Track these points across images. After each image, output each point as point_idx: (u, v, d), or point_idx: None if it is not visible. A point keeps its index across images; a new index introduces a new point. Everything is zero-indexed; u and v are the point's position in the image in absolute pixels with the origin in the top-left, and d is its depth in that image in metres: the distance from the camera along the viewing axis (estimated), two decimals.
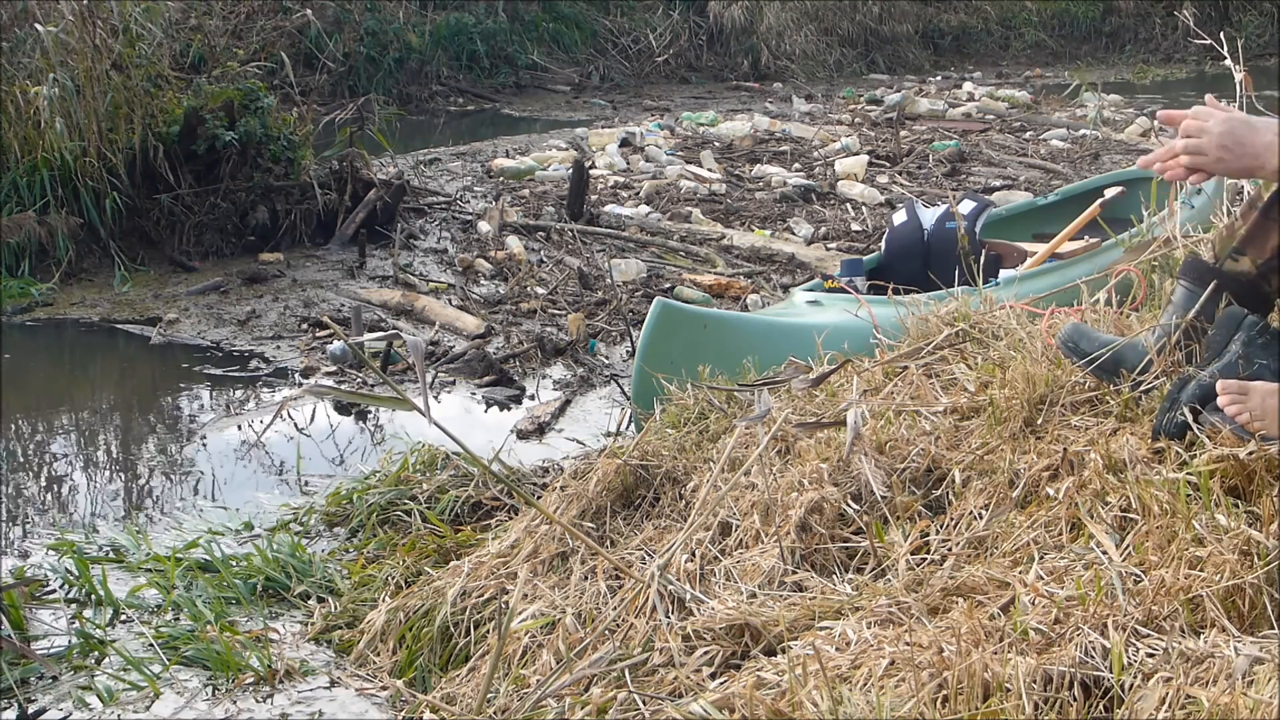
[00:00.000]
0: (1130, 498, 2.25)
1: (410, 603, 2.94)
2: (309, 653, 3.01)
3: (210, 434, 4.69)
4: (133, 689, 2.86)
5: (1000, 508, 2.42)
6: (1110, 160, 8.99)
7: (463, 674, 2.67)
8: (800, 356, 3.35)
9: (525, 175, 8.64)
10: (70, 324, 5.93)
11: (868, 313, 3.63)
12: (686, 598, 2.41)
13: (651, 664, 2.25)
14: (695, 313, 4.10)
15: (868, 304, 3.76)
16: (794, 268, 6.51)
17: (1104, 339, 2.62)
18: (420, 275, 6.51)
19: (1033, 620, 2.01)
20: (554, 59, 14.23)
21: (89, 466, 4.52)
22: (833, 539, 2.50)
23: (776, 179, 8.52)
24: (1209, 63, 15.77)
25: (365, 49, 12.42)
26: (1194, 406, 2.31)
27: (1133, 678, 1.85)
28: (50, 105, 6.44)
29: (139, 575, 3.43)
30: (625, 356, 5.31)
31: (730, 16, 14.79)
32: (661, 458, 3.01)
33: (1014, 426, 2.59)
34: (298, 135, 7.15)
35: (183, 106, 6.89)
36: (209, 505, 4.01)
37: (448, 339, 5.58)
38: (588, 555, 2.73)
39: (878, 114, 11.46)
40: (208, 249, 6.84)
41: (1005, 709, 1.85)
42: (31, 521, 3.98)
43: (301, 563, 3.40)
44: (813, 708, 1.92)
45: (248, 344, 5.63)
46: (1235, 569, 1.99)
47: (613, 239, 7.03)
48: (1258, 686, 1.75)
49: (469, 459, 3.68)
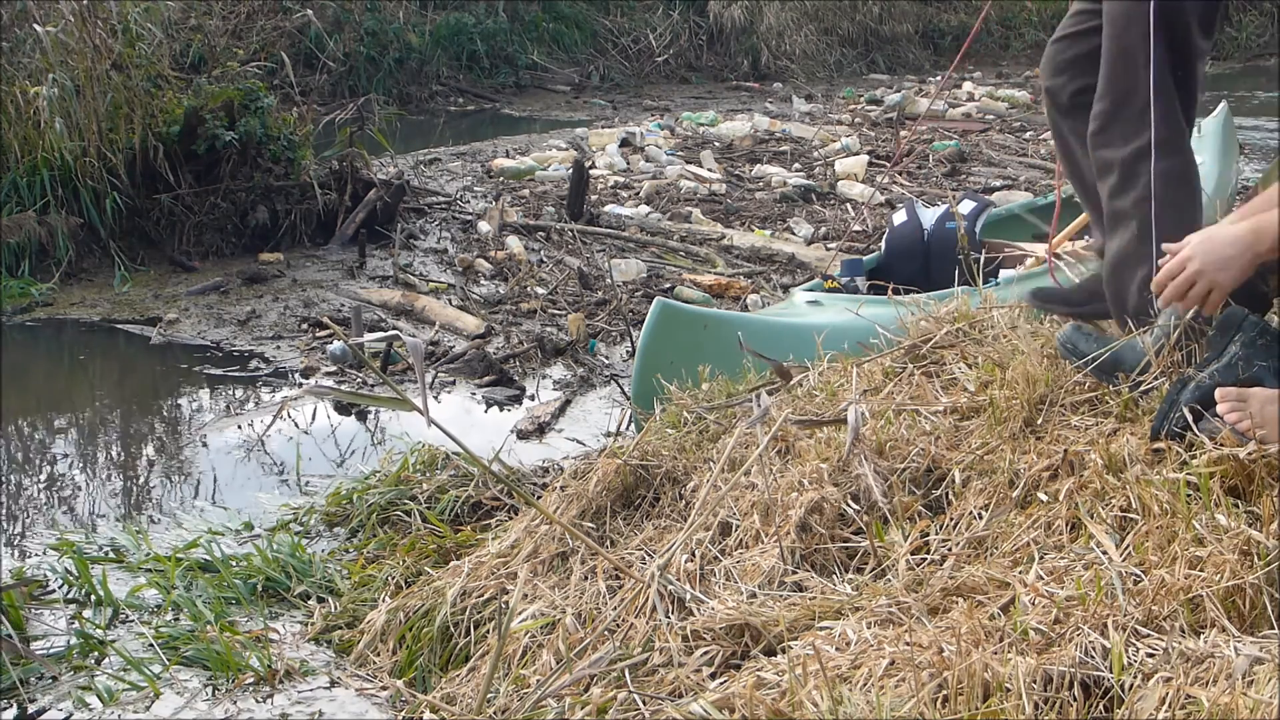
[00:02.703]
0: (1130, 498, 2.25)
1: (410, 603, 2.94)
2: (309, 653, 3.01)
3: (210, 434, 4.69)
4: (133, 689, 2.86)
5: (1000, 508, 2.42)
6: None
7: (463, 674, 2.67)
8: (800, 357, 3.35)
9: (525, 175, 8.64)
10: (70, 324, 5.93)
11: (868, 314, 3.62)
12: (686, 598, 2.41)
13: (651, 664, 2.25)
14: (695, 313, 4.10)
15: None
16: (794, 268, 6.51)
17: (1102, 340, 2.62)
18: (420, 275, 6.51)
19: (1033, 620, 2.01)
20: (554, 59, 14.22)
21: (89, 466, 4.52)
22: (833, 539, 2.50)
23: (776, 179, 8.52)
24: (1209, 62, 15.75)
25: (365, 49, 12.41)
26: (1194, 408, 2.31)
27: (1133, 678, 1.85)
28: (50, 105, 6.44)
29: (139, 575, 3.43)
30: (625, 356, 5.31)
31: (730, 16, 14.78)
32: (661, 458, 3.00)
33: (1014, 426, 2.59)
34: (298, 135, 7.15)
35: (183, 106, 6.89)
36: (209, 505, 4.01)
37: (448, 339, 5.58)
38: (588, 555, 2.73)
39: (878, 114, 11.46)
40: (208, 249, 6.84)
41: (1005, 709, 1.85)
42: (31, 521, 3.98)
43: (301, 563, 3.40)
44: (813, 708, 1.92)
45: (248, 344, 5.63)
46: (1235, 569, 1.99)
47: (613, 239, 7.03)
48: (1258, 686, 1.75)
49: (469, 459, 3.68)
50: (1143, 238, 2.65)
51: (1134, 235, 2.66)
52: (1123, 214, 2.69)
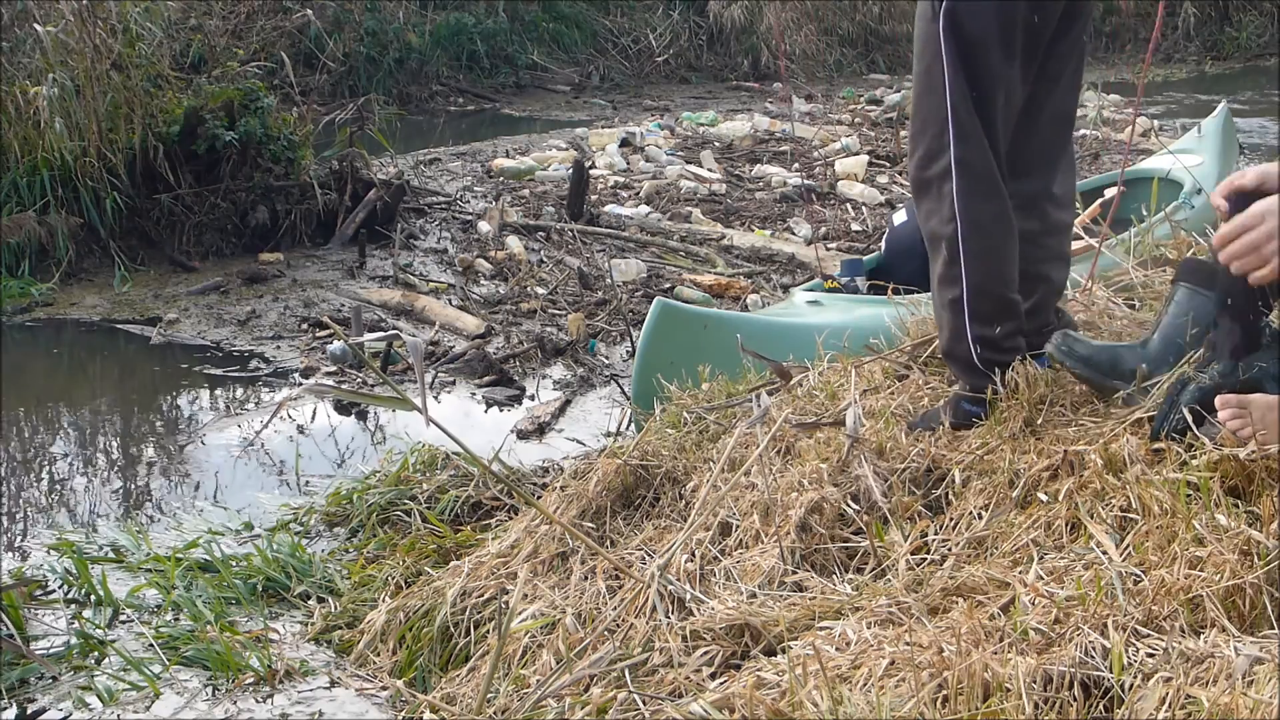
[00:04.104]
0: (1130, 498, 2.25)
1: (410, 603, 2.94)
2: (309, 653, 3.01)
3: (210, 434, 4.69)
4: (133, 689, 2.86)
5: (1000, 508, 2.42)
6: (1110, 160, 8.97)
7: (463, 674, 2.67)
8: (800, 357, 3.35)
9: (525, 175, 8.64)
10: (70, 324, 5.93)
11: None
12: (686, 598, 2.41)
13: (651, 664, 2.25)
14: (695, 313, 4.10)
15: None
16: (794, 268, 6.51)
17: (1096, 345, 2.62)
18: (420, 275, 6.51)
19: (1033, 620, 2.01)
20: (554, 59, 14.22)
21: (89, 466, 4.52)
22: (833, 539, 2.50)
23: (776, 179, 8.52)
24: (1209, 62, 15.77)
25: (365, 49, 12.41)
26: (1194, 409, 2.31)
27: (1133, 678, 1.85)
28: (50, 105, 6.44)
29: (139, 575, 3.43)
30: (625, 356, 5.31)
31: (730, 16, 14.78)
32: (661, 458, 3.00)
33: (1014, 426, 2.59)
34: (298, 135, 7.15)
35: (183, 106, 6.89)
36: (209, 505, 4.01)
37: (448, 339, 5.58)
38: (588, 555, 2.73)
39: (878, 114, 11.46)
40: (208, 249, 6.84)
41: (1005, 709, 1.85)
42: (31, 521, 3.98)
43: (301, 563, 3.40)
44: (813, 708, 1.92)
45: (248, 344, 5.63)
46: (1235, 569, 1.99)
47: (613, 239, 7.03)
48: (1258, 686, 1.75)
49: (469, 459, 3.69)
50: (951, 259, 2.67)
51: (945, 258, 2.68)
52: (935, 236, 2.72)
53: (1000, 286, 2.67)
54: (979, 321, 2.66)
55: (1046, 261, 2.86)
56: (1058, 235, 2.90)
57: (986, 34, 2.61)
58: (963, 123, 2.63)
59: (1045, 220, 2.85)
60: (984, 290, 2.65)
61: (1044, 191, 2.84)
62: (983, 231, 2.64)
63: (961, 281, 2.65)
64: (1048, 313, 2.89)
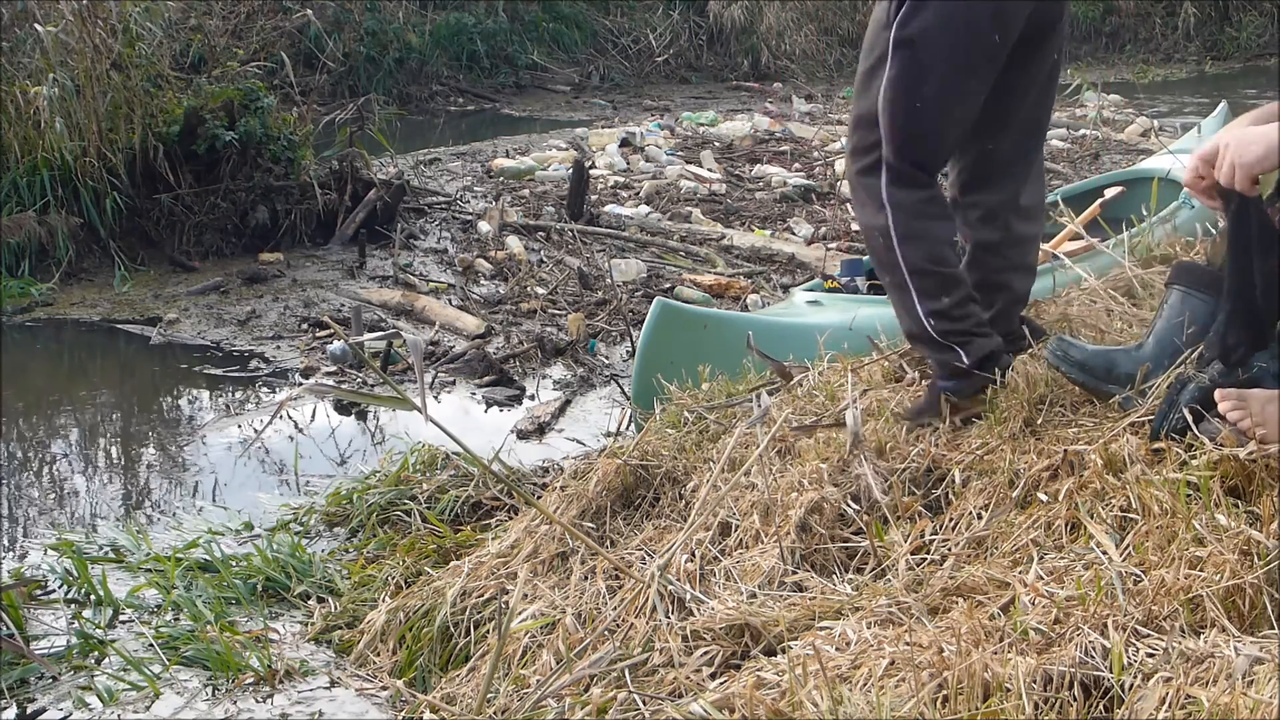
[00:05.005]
0: (1130, 498, 2.25)
1: (410, 603, 2.94)
2: (309, 653, 3.01)
3: (210, 434, 4.68)
4: (133, 689, 2.86)
5: (1000, 508, 2.42)
6: (1110, 160, 8.97)
7: (463, 674, 2.67)
8: (800, 357, 3.35)
9: (525, 175, 8.64)
10: (70, 324, 5.93)
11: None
12: (686, 598, 2.41)
13: (651, 664, 2.25)
14: (695, 313, 4.10)
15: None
16: (794, 268, 6.51)
17: (1092, 349, 2.62)
18: (420, 275, 6.51)
19: (1033, 620, 2.01)
20: (554, 59, 14.22)
21: (89, 466, 4.52)
22: (833, 539, 2.50)
23: (776, 179, 8.52)
24: (1209, 62, 15.76)
25: (365, 49, 12.42)
26: (1194, 409, 2.31)
27: (1133, 678, 1.85)
28: (50, 105, 6.44)
29: (139, 575, 3.43)
30: (625, 356, 5.31)
31: (730, 16, 14.78)
32: (661, 458, 3.00)
33: (1014, 426, 2.59)
34: (298, 135, 7.15)
35: (183, 106, 6.89)
36: (209, 505, 4.01)
37: (448, 339, 5.58)
38: (588, 555, 2.73)
39: None
40: (208, 249, 6.85)
41: (1005, 709, 1.85)
42: (31, 521, 3.98)
43: (301, 563, 3.40)
44: (813, 708, 1.92)
45: (248, 344, 5.63)
46: (1235, 569, 1.99)
47: (613, 239, 7.03)
48: (1258, 686, 1.75)
49: (469, 459, 3.68)
50: (887, 246, 2.74)
51: (881, 245, 2.75)
52: (869, 229, 2.80)
53: (937, 265, 2.73)
54: (926, 296, 2.72)
55: (1008, 271, 2.91)
56: (1020, 246, 2.94)
57: (936, 47, 2.65)
58: (894, 126, 2.69)
59: (1008, 231, 2.89)
60: (921, 269, 2.72)
61: (1008, 203, 2.88)
62: (911, 214, 2.71)
63: (900, 266, 2.72)
64: (1011, 321, 2.93)
